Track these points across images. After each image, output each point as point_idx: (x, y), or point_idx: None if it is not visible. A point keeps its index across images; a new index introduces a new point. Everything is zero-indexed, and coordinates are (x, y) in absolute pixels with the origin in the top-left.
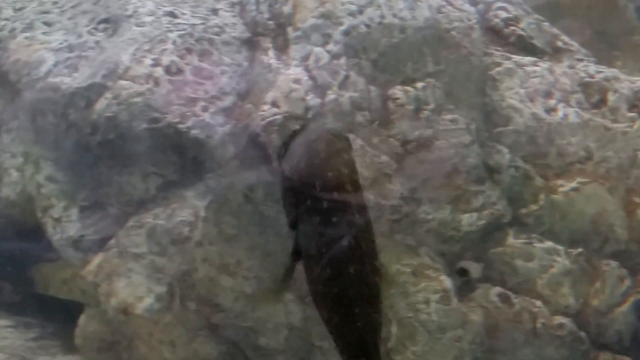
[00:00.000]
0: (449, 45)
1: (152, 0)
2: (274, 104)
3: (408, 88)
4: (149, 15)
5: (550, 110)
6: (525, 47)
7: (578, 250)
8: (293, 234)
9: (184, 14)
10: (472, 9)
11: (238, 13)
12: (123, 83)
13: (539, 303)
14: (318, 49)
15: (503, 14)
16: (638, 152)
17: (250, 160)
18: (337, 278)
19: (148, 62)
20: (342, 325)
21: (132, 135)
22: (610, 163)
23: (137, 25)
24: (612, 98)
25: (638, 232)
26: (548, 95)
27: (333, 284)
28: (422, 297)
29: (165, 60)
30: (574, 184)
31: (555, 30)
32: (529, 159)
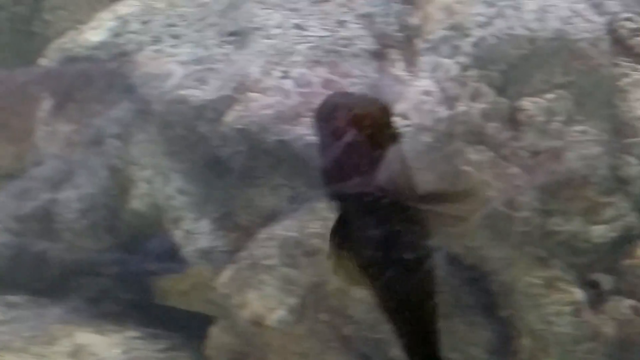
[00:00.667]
0: (578, 57)
1: (279, 13)
2: (404, 116)
3: (537, 99)
4: (277, 28)
5: None
6: None
7: None
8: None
9: (312, 27)
10: (600, 20)
11: (366, 25)
12: (253, 95)
13: None
14: (447, 61)
15: (629, 25)
16: None
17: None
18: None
19: (277, 74)
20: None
21: (262, 148)
22: None
23: (265, 38)
24: None
25: None
26: None
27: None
28: (554, 309)
29: (295, 73)
30: None
31: None
32: None
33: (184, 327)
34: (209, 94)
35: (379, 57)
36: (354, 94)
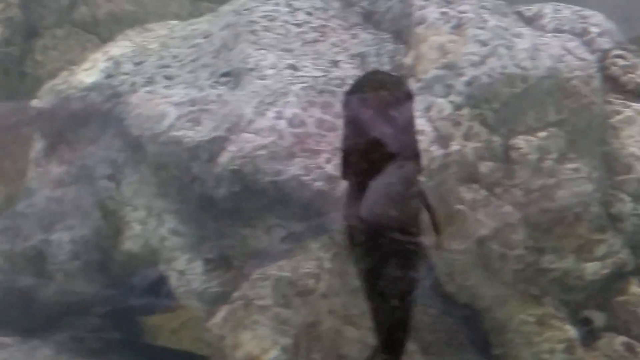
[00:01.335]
0: (570, 94)
1: (273, 53)
2: None
3: (530, 137)
4: (271, 68)
5: None
6: None
7: None
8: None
9: (305, 67)
10: (591, 58)
11: (359, 65)
12: (247, 136)
13: None
14: (440, 100)
15: (620, 62)
16: None
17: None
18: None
19: (271, 114)
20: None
21: (256, 188)
22: None
23: (259, 78)
24: None
25: None
26: None
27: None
28: (547, 346)
29: (288, 113)
30: None
31: None
32: None
33: None
34: (203, 135)
35: None
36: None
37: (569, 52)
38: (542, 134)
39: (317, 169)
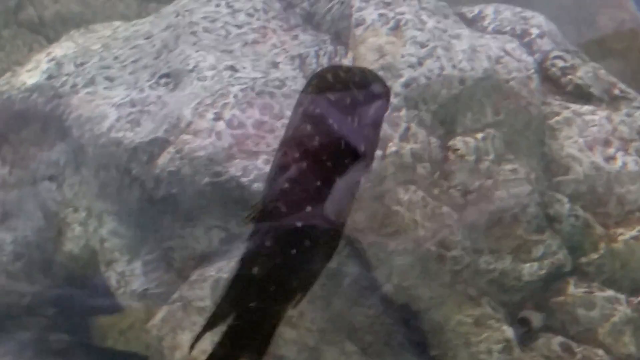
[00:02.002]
0: (508, 96)
1: (212, 55)
2: None
3: (468, 139)
4: (210, 70)
5: (609, 159)
6: (583, 95)
7: (639, 299)
8: None
9: (245, 68)
10: (530, 59)
11: (298, 66)
12: (185, 137)
13: (601, 352)
14: None
15: (560, 63)
16: None
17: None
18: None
19: (210, 116)
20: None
21: (194, 189)
22: None
23: (198, 80)
24: None
25: None
26: (607, 144)
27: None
28: (484, 347)
29: (227, 114)
30: (634, 232)
31: (612, 78)
32: (589, 208)
33: None
34: (142, 136)
35: None
36: None
37: (508, 53)
38: (479, 135)
39: (255, 170)
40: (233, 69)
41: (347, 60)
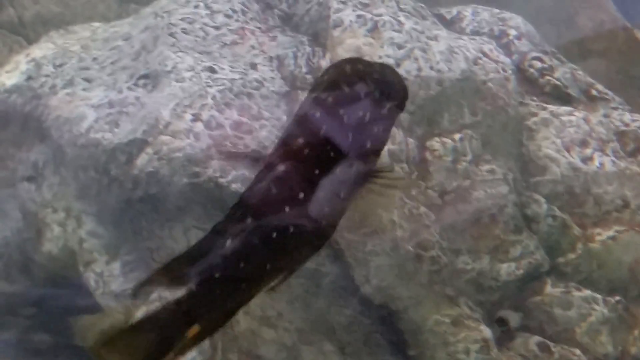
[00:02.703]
0: (486, 97)
1: (191, 56)
2: None
3: (445, 139)
4: (188, 71)
5: (587, 160)
6: (561, 96)
7: (616, 299)
8: None
9: (223, 69)
10: (507, 60)
11: (276, 67)
12: (164, 138)
13: (578, 352)
14: None
15: (538, 64)
16: None
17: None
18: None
19: (188, 117)
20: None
21: (173, 190)
22: None
23: (176, 81)
24: None
25: None
26: (584, 145)
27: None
28: (462, 347)
29: (205, 115)
30: (611, 233)
31: (590, 79)
32: (566, 208)
33: None
34: (121, 137)
35: (289, 99)
36: None
37: (485, 54)
38: (457, 136)
39: (233, 171)
40: (211, 70)
41: (324, 62)
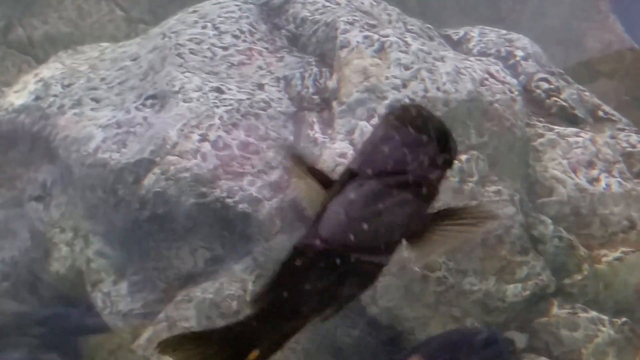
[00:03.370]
0: (492, 118)
1: (198, 76)
2: None
3: None
4: (196, 91)
5: (593, 181)
6: (567, 117)
7: (622, 320)
8: None
9: (230, 89)
10: (514, 81)
11: (283, 88)
12: (171, 158)
13: None
14: (363, 123)
15: (545, 85)
16: None
17: (297, 234)
18: None
19: (195, 137)
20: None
21: (180, 210)
22: None
23: (184, 101)
24: None
25: None
26: (590, 166)
27: None
28: None
29: (213, 136)
30: (618, 254)
31: (597, 100)
32: (573, 229)
33: None
34: (128, 157)
35: (296, 119)
36: None
37: (492, 75)
38: (463, 157)
39: (240, 191)
40: (219, 91)
41: (332, 83)
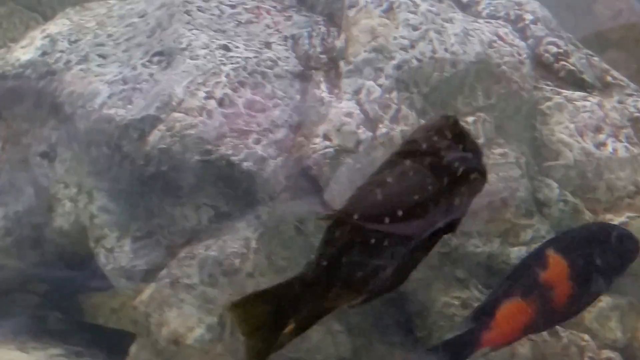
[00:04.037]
0: (500, 80)
1: (205, 34)
2: (326, 137)
3: None
4: (203, 49)
5: (600, 145)
6: (575, 81)
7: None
8: None
9: (238, 48)
10: (522, 44)
11: (291, 47)
12: (176, 115)
13: (587, 337)
14: (370, 83)
15: (553, 49)
16: None
17: (302, 193)
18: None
19: (201, 94)
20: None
21: (184, 167)
22: None
23: (190, 59)
24: None
25: None
26: (598, 130)
27: None
28: None
29: (219, 93)
30: (623, 219)
31: (605, 65)
32: (578, 193)
33: (110, 344)
34: (134, 114)
35: (303, 78)
36: None
37: (500, 38)
38: (470, 119)
39: (246, 150)
40: (226, 49)
41: (339, 42)
